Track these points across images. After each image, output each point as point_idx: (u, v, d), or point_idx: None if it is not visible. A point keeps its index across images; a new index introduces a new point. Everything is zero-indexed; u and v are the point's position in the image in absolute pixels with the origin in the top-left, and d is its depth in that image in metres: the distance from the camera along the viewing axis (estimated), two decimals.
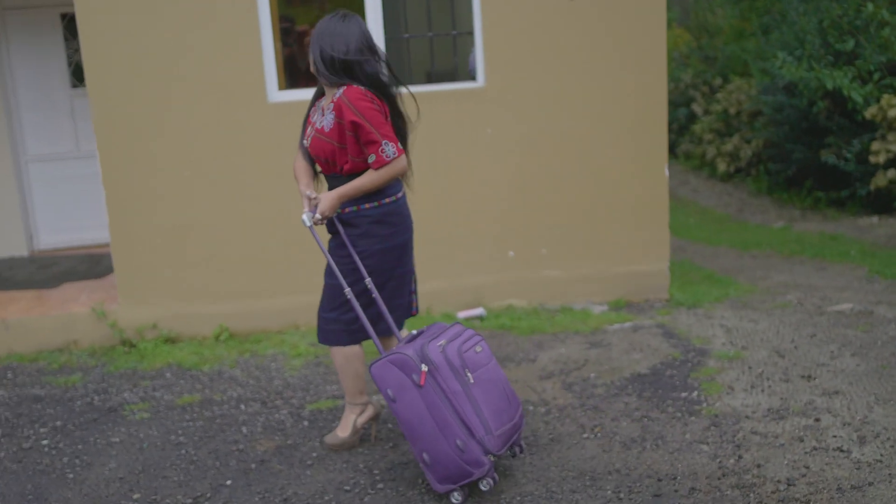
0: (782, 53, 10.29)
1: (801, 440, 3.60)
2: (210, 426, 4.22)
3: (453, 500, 3.28)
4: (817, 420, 3.78)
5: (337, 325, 3.70)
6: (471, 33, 5.63)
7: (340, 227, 3.60)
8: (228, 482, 3.62)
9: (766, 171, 12.67)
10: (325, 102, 3.60)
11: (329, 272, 3.68)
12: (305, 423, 4.19)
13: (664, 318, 5.48)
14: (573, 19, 5.53)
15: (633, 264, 5.89)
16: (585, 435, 3.83)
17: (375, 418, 3.93)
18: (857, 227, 9.25)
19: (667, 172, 5.78)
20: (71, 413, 4.51)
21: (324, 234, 3.82)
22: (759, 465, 3.42)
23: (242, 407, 4.46)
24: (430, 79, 5.74)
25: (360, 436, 3.92)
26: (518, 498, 3.32)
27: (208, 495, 3.52)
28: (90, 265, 6.68)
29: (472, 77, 5.76)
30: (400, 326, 3.76)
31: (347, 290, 3.49)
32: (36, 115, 7.19)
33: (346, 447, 3.86)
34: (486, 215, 5.72)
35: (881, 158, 9.19)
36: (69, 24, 7.11)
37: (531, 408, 4.17)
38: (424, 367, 3.18)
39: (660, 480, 3.37)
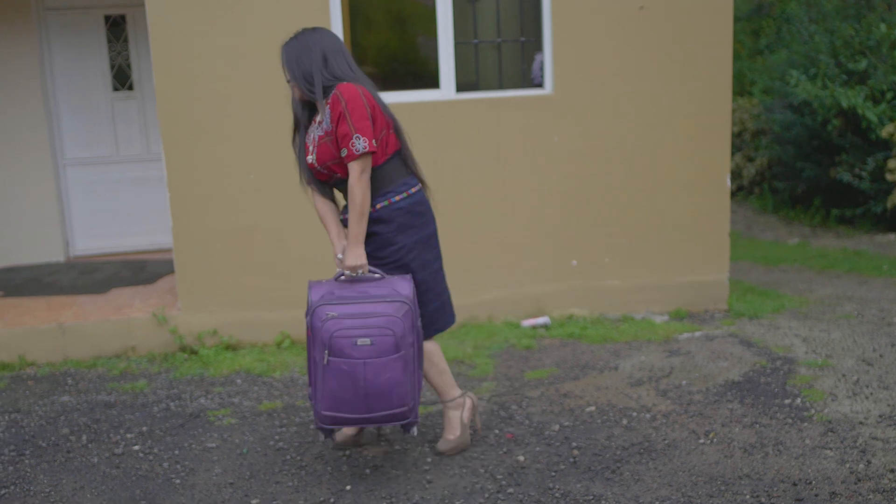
0: (796, 72, 10.42)
1: None
2: (305, 432, 4.11)
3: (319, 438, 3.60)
4: None
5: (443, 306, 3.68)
6: (539, 40, 5.61)
7: (374, 228, 3.50)
8: (348, 487, 3.53)
9: (770, 189, 12.79)
10: (320, 115, 3.52)
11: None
12: None
13: (730, 328, 5.47)
14: (641, 27, 5.54)
15: (693, 274, 5.88)
16: (701, 440, 3.79)
17: (475, 409, 3.85)
18: (876, 244, 9.35)
19: (728, 182, 5.80)
20: (153, 419, 4.38)
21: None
22: (892, 470, 3.40)
23: None
24: (498, 85, 5.70)
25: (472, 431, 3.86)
26: (657, 502, 3.27)
27: (331, 500, 3.43)
28: (133, 271, 6.53)
29: (536, 84, 5.74)
30: (444, 328, 3.71)
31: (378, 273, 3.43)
32: (75, 119, 7.04)
33: (461, 448, 3.78)
34: (550, 223, 5.69)
35: None
36: (112, 27, 6.99)
37: (634, 413, 4.13)
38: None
39: (795, 485, 3.35)
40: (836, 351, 4.86)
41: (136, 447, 4.03)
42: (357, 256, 3.39)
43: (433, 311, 3.65)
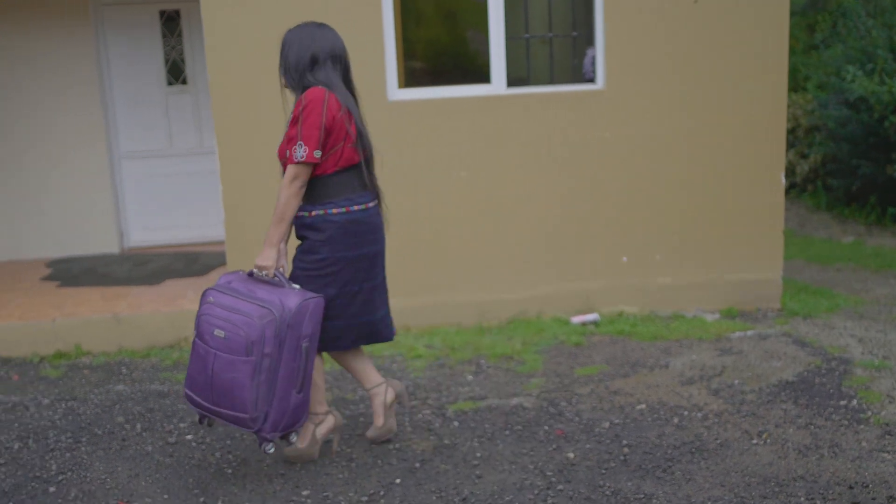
0: (852, 67, 10.22)
1: None
2: (355, 425, 4.14)
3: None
4: None
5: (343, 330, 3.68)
6: (591, 35, 5.57)
7: (306, 233, 3.55)
8: (397, 480, 3.54)
9: (824, 187, 12.56)
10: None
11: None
12: (455, 423, 4.10)
13: (784, 327, 5.39)
14: (695, 22, 5.48)
15: (746, 272, 5.80)
16: (754, 441, 3.74)
17: (336, 430, 3.81)
18: None
19: (783, 179, 5.71)
20: None
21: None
22: None
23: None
24: (549, 80, 5.67)
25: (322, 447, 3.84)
26: (710, 502, 3.23)
27: (381, 493, 3.44)
28: (186, 263, 6.62)
29: (587, 79, 5.71)
30: (342, 348, 3.69)
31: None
32: (130, 112, 7.16)
33: (304, 458, 3.72)
34: (600, 219, 5.65)
35: None
36: (167, 22, 7.08)
37: (685, 412, 4.09)
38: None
39: (851, 488, 3.29)
40: (894, 352, 4.76)
41: (189, 437, 4.09)
42: (266, 258, 3.47)
43: (335, 329, 3.62)
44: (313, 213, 3.52)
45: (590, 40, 5.61)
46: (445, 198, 5.54)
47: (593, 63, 5.64)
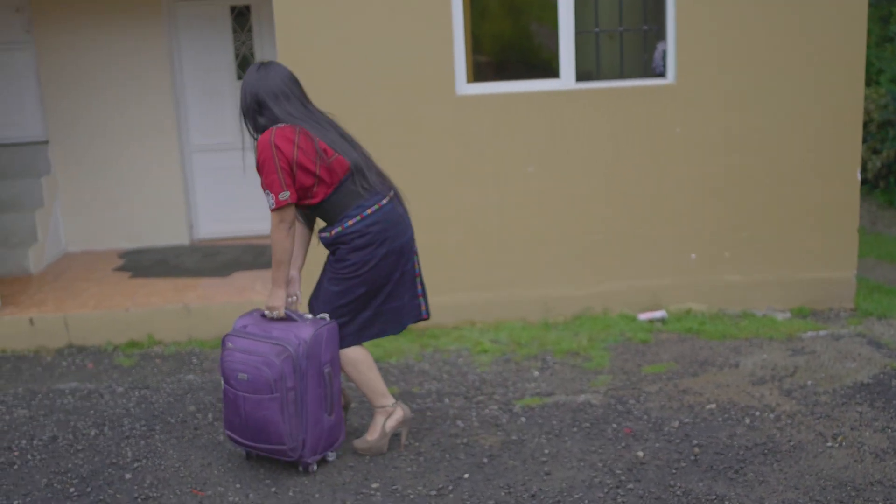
0: None
1: None
2: (423, 419, 4.15)
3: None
4: None
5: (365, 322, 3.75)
6: (662, 28, 5.50)
7: (332, 247, 3.68)
8: (466, 475, 3.55)
9: None
10: None
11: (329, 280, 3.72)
12: (522, 419, 4.10)
13: (857, 327, 5.27)
14: (767, 16, 5.37)
15: (818, 271, 5.68)
16: (829, 443, 3.67)
17: (405, 423, 3.85)
18: None
19: (859, 176, 5.58)
20: None
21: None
22: None
23: (447, 401, 4.39)
24: (619, 74, 5.62)
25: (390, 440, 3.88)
26: None
27: (450, 488, 3.45)
28: (254, 255, 6.72)
29: (657, 73, 5.64)
30: (402, 328, 3.80)
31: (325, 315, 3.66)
32: (202, 106, 7.27)
33: (374, 452, 3.79)
34: (669, 216, 5.58)
35: None
36: (237, 17, 7.18)
37: (756, 413, 4.02)
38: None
39: None
40: None
41: None
42: (274, 298, 3.61)
43: (363, 320, 3.73)
44: (333, 231, 3.64)
45: (660, 34, 5.54)
46: (512, 192, 5.52)
47: (663, 57, 5.57)
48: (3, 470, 3.78)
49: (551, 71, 5.56)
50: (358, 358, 3.76)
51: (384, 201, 3.68)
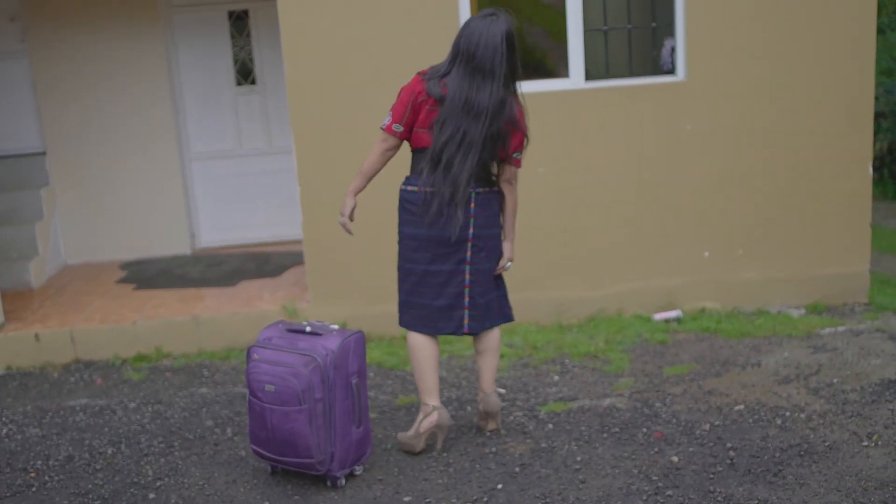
0: None
1: None
2: (457, 428, 4.07)
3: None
4: None
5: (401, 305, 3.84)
6: (671, 25, 5.44)
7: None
8: (499, 486, 3.48)
9: (890, 175, 12.24)
10: None
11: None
12: (549, 425, 4.03)
13: (875, 322, 5.23)
14: (778, 11, 5.32)
15: (832, 266, 5.65)
16: (864, 443, 3.62)
17: (441, 428, 3.79)
18: None
19: (871, 170, 5.54)
20: None
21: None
22: None
23: (469, 409, 4.32)
24: (628, 72, 5.55)
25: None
26: None
27: (484, 500, 3.38)
28: (258, 263, 6.62)
29: (665, 70, 5.58)
30: (437, 332, 3.76)
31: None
32: (201, 114, 7.16)
33: (407, 448, 3.80)
34: (681, 214, 5.53)
35: None
36: (235, 22, 7.08)
37: (787, 413, 3.97)
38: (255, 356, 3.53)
39: None
40: None
41: None
42: (343, 204, 3.80)
43: (399, 302, 3.86)
44: (401, 186, 3.77)
45: (669, 31, 5.48)
46: (523, 193, 5.41)
47: (671, 54, 5.52)
48: (22, 493, 3.68)
49: (558, 71, 5.50)
50: (414, 346, 3.79)
51: (420, 188, 3.64)
